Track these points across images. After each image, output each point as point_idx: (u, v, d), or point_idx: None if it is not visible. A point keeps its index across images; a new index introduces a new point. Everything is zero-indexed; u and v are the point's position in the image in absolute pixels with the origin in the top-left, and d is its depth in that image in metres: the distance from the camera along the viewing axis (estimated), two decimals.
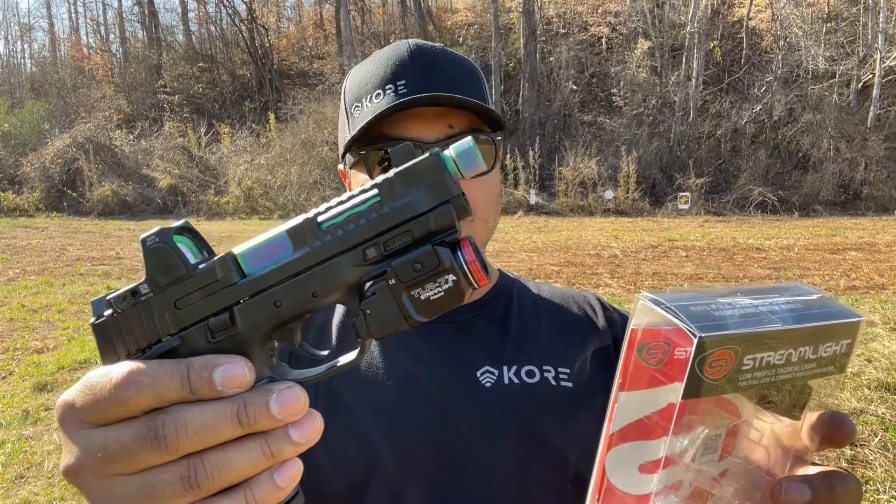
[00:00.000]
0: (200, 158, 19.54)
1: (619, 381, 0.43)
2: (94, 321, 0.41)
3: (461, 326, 0.89)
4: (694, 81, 17.67)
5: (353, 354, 0.42)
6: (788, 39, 17.81)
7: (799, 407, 0.45)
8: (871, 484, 3.08)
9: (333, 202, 0.40)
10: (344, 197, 0.40)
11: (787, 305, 0.43)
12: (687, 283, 7.53)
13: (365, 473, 0.77)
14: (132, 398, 0.36)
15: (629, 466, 0.43)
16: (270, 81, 24.04)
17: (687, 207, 15.18)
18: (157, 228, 0.39)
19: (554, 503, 0.79)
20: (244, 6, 25.38)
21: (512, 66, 21.26)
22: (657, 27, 19.83)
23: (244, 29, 25.12)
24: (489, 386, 0.83)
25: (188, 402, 0.37)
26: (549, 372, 0.85)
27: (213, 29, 28.23)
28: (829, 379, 0.45)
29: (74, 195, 18.05)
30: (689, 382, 0.39)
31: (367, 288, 0.39)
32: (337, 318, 0.91)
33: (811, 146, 15.89)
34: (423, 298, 0.38)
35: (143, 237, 0.40)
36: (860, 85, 16.82)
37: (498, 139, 0.86)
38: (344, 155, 0.89)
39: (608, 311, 0.98)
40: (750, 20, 19.33)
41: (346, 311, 0.91)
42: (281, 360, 0.43)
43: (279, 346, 0.43)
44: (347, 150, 0.85)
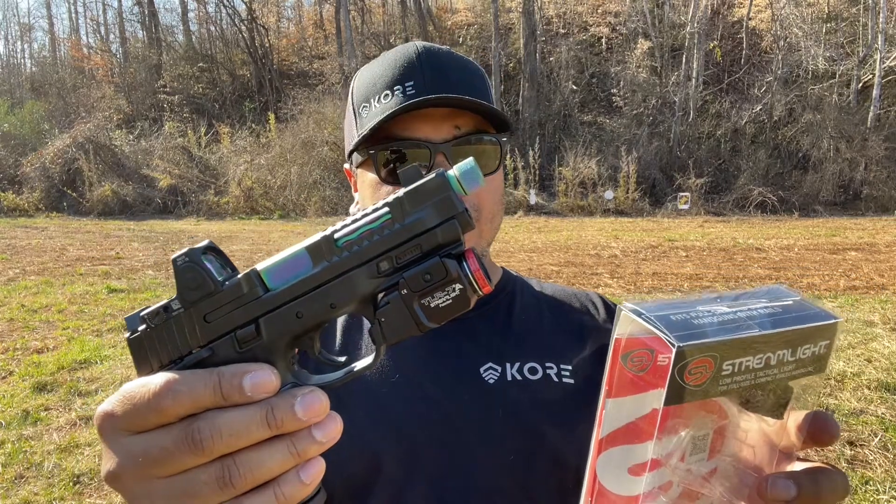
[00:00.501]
0: (200, 158, 19.54)
1: (605, 388, 0.45)
2: (129, 336, 0.44)
3: (465, 324, 0.90)
4: (694, 81, 17.67)
5: (369, 359, 0.45)
6: (788, 39, 17.82)
7: (781, 406, 0.47)
8: (871, 484, 3.08)
9: (348, 220, 0.43)
10: (358, 215, 0.43)
11: (765, 310, 0.44)
12: (687, 283, 7.53)
13: (368, 471, 0.77)
14: (170, 406, 0.39)
15: (619, 469, 0.45)
16: (270, 81, 24.04)
17: (687, 207, 15.19)
18: (185, 249, 0.43)
19: (556, 499, 0.80)
20: (244, 6, 25.39)
21: (512, 66, 21.26)
22: (657, 27, 19.83)
23: (244, 29, 25.13)
24: (492, 382, 0.84)
25: (221, 407, 0.39)
26: (551, 369, 0.86)
27: (213, 29, 28.27)
28: (809, 379, 0.46)
29: (74, 195, 18.06)
30: (670, 389, 0.40)
31: (380, 298, 0.43)
32: (341, 318, 0.92)
33: (811, 146, 15.90)
34: (432, 306, 0.42)
35: (173, 257, 0.43)
36: (860, 85, 16.83)
37: (503, 140, 0.87)
38: (351, 154, 0.90)
39: (610, 309, 0.99)
40: (750, 20, 19.33)
41: None
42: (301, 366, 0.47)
43: (299, 353, 0.46)
44: (355, 149, 0.87)
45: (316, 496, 0.43)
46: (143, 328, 0.43)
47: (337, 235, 0.42)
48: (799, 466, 0.49)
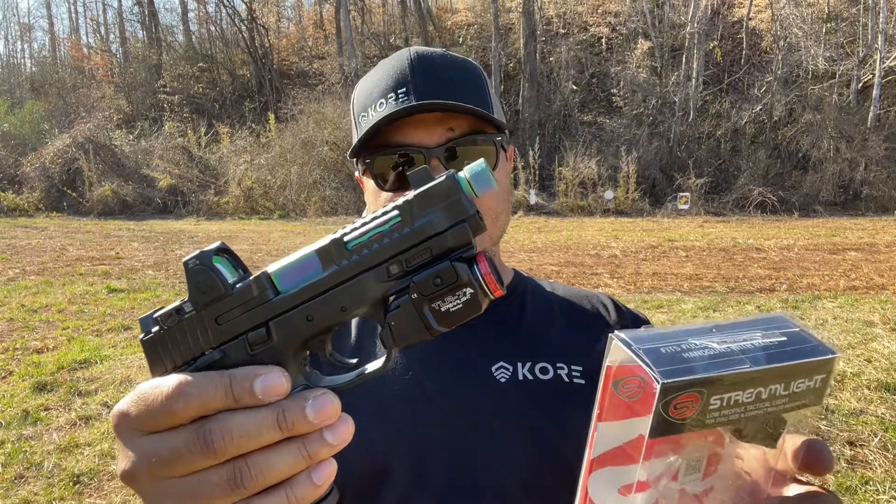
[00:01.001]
0: (200, 158, 19.53)
1: (597, 411, 0.46)
2: (142, 337, 0.44)
3: (476, 324, 0.90)
4: (694, 81, 17.67)
5: (379, 362, 0.45)
6: (788, 39, 17.81)
7: (773, 438, 0.47)
8: (871, 484, 3.08)
9: (358, 223, 0.43)
10: (367, 218, 0.43)
11: (761, 342, 0.44)
12: (687, 282, 7.53)
13: (377, 472, 0.78)
14: (181, 408, 0.39)
15: (609, 488, 0.45)
16: (270, 81, 24.04)
17: (687, 207, 15.18)
18: (197, 251, 0.43)
19: (565, 499, 0.80)
20: (244, 6, 25.38)
21: (512, 66, 21.26)
22: (657, 27, 19.83)
23: (244, 29, 25.12)
24: (504, 381, 0.84)
25: (232, 409, 0.40)
26: (562, 369, 0.86)
27: (213, 29, 28.27)
28: (804, 411, 0.46)
29: (74, 195, 18.05)
30: (654, 422, 0.40)
31: (391, 301, 0.42)
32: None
33: (811, 146, 15.90)
34: (443, 310, 0.42)
35: (184, 260, 0.43)
36: (860, 85, 16.83)
37: (498, 139, 0.88)
38: (356, 163, 0.93)
39: (621, 310, 0.99)
40: (750, 20, 19.33)
41: None
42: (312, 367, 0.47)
43: (310, 355, 0.47)
44: (356, 158, 0.90)
45: (328, 496, 0.43)
46: (156, 330, 0.44)
47: (347, 238, 0.42)
48: (794, 489, 0.49)
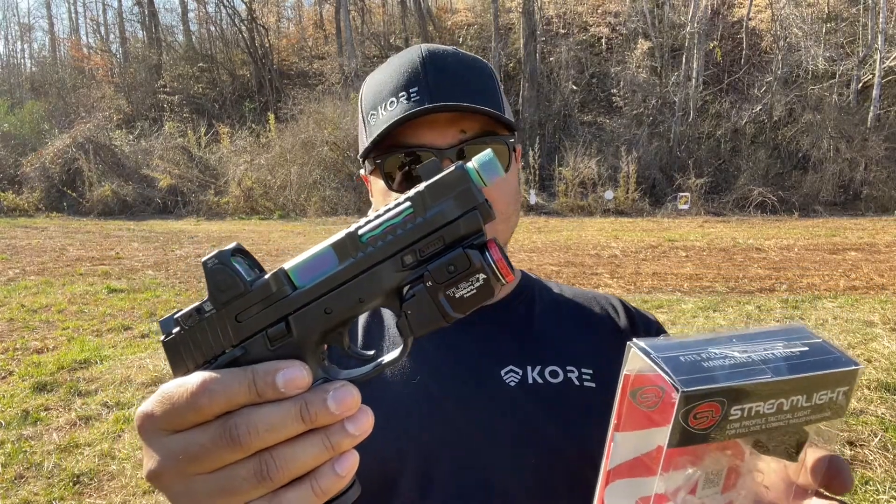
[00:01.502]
0: (200, 158, 19.54)
1: (614, 421, 0.45)
2: (164, 339, 0.45)
3: (485, 327, 0.91)
4: (694, 82, 17.67)
5: (396, 352, 0.46)
6: (788, 40, 17.81)
7: (795, 451, 0.46)
8: (871, 484, 3.08)
9: (371, 216, 0.44)
10: (380, 210, 0.44)
11: (782, 352, 0.43)
12: (687, 283, 7.53)
13: (389, 473, 0.78)
14: (206, 404, 0.40)
15: (627, 500, 0.45)
16: (270, 81, 24.04)
17: (687, 207, 15.18)
18: (215, 251, 0.44)
19: (576, 501, 0.80)
20: (244, 6, 25.38)
21: (512, 66, 21.26)
22: (657, 27, 19.83)
23: (244, 29, 25.12)
24: (513, 385, 0.84)
25: (256, 404, 0.40)
26: (572, 372, 0.86)
27: (213, 29, 28.27)
28: (826, 423, 0.45)
29: (74, 195, 18.06)
30: (673, 432, 0.40)
31: (406, 291, 0.43)
32: (362, 318, 0.93)
33: (811, 146, 15.90)
34: (458, 296, 0.42)
35: (203, 260, 0.44)
36: (860, 85, 16.83)
37: (510, 140, 0.88)
38: (364, 162, 0.91)
39: (630, 312, 0.99)
40: (750, 20, 19.33)
41: None
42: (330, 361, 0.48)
43: (329, 348, 0.47)
44: (365, 157, 0.88)
45: (351, 489, 0.44)
46: (177, 330, 0.44)
47: (361, 231, 0.43)
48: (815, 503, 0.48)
